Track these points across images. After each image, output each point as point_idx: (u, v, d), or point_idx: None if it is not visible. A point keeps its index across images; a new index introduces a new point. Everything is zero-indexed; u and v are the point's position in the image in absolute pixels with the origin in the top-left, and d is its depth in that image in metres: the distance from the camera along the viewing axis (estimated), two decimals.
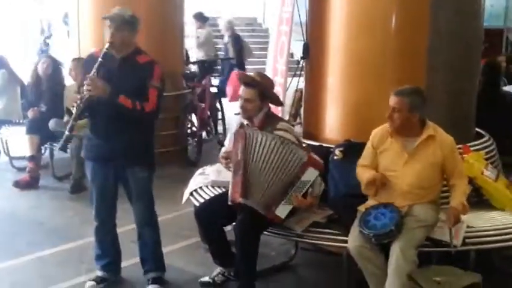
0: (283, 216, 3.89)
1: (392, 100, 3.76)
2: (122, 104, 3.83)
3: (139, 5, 7.10)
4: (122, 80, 3.89)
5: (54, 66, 6.85)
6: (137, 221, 4.25)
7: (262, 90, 4.10)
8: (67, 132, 3.92)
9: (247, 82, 4.13)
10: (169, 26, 7.61)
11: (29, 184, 6.55)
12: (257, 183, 3.87)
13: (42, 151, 7.04)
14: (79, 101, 3.84)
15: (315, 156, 3.97)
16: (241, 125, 4.16)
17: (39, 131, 6.62)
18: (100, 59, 3.85)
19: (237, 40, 10.82)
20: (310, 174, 3.87)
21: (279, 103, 4.46)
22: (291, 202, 3.87)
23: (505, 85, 6.98)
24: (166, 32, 7.54)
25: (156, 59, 4.14)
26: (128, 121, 3.91)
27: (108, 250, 4.29)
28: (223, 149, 4.29)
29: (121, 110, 3.85)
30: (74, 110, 3.89)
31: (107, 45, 3.87)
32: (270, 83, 4.33)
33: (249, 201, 3.86)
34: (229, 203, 3.96)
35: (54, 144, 6.78)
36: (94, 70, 3.83)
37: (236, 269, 4.00)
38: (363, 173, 3.89)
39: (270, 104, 4.28)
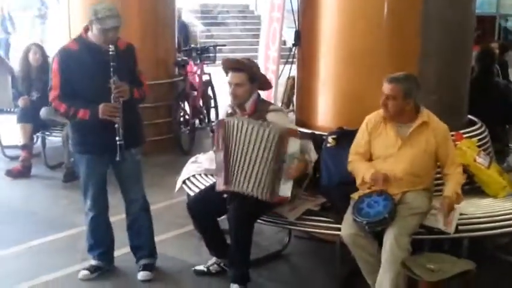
0: (289, 194, 3.88)
1: (386, 87, 3.74)
2: (137, 98, 4.04)
3: None
4: (114, 70, 3.86)
5: (44, 55, 6.80)
6: (132, 207, 4.24)
7: (250, 73, 4.08)
8: (119, 142, 3.89)
9: (235, 67, 4.09)
10: (161, 15, 7.58)
11: (21, 173, 6.54)
12: (242, 169, 3.89)
13: (34, 140, 7.01)
14: (116, 110, 3.86)
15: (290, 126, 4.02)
16: (227, 115, 4.15)
17: (31, 119, 6.59)
18: (112, 64, 3.81)
19: (182, 27, 10.37)
20: (294, 145, 3.87)
21: (268, 85, 4.39)
22: (289, 177, 3.87)
23: (498, 73, 6.98)
24: (158, 21, 7.51)
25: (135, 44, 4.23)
26: (125, 108, 3.93)
27: (103, 239, 4.28)
28: None
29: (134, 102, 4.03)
30: (117, 120, 3.86)
31: (112, 47, 3.83)
32: (256, 66, 4.30)
33: (236, 187, 3.88)
34: (220, 191, 3.98)
35: (47, 132, 6.78)
36: (113, 77, 3.82)
37: (230, 258, 3.99)
38: (359, 166, 3.87)
39: (261, 91, 4.26)
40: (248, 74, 4.06)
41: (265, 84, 4.31)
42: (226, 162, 3.92)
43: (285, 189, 3.89)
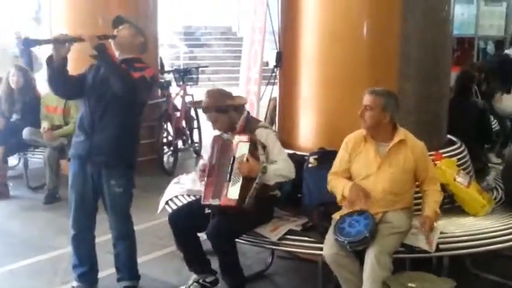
0: (236, 196, 3.84)
1: (366, 98, 3.81)
2: (110, 56, 3.86)
3: (112, 16, 7.14)
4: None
5: (26, 77, 6.79)
6: (112, 233, 4.24)
7: (217, 107, 4.11)
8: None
9: (203, 109, 4.19)
10: None
11: (1, 194, 6.48)
12: (224, 183, 3.92)
13: (17, 161, 6.97)
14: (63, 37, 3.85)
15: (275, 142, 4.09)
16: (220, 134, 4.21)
17: (5, 141, 6.56)
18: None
19: (25, 51, 9.25)
20: (242, 148, 3.91)
21: (243, 100, 4.42)
22: (237, 179, 3.86)
23: (476, 93, 7.09)
24: None
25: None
26: (114, 118, 3.94)
27: (84, 259, 4.23)
28: (201, 161, 4.31)
29: (108, 62, 3.86)
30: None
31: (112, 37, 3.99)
32: (219, 95, 4.23)
33: (217, 201, 3.90)
34: (205, 208, 3.99)
35: (29, 154, 6.75)
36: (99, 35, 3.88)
37: (222, 273, 4.06)
38: (338, 183, 3.90)
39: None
40: (215, 111, 4.11)
41: (242, 105, 4.32)
42: (216, 176, 3.95)
43: (233, 191, 3.86)
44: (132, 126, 4.14)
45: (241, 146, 3.92)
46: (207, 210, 4.04)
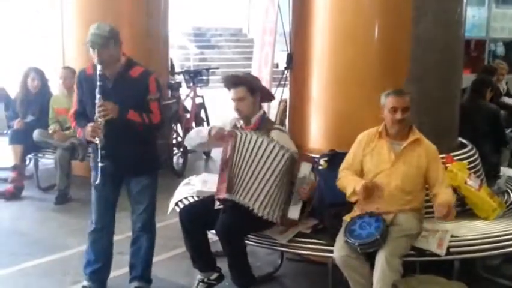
0: (297, 217, 3.92)
1: (398, 100, 3.81)
2: (132, 120, 3.90)
3: (123, 17, 7.18)
4: (119, 97, 3.89)
5: (43, 79, 6.85)
6: (135, 226, 4.23)
7: (249, 85, 4.14)
8: (100, 164, 3.88)
9: (234, 82, 4.15)
10: (153, 37, 7.62)
11: (13, 194, 6.51)
12: (245, 181, 3.89)
13: (27, 162, 7.01)
14: (99, 130, 3.84)
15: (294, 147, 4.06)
16: (235, 127, 4.19)
17: (23, 141, 6.61)
18: (99, 83, 3.83)
19: None
20: (305, 169, 3.91)
21: (270, 97, 4.49)
22: (298, 200, 3.90)
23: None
24: (151, 43, 7.54)
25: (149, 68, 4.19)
26: (133, 136, 3.94)
27: (100, 255, 4.22)
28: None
29: (131, 125, 3.91)
30: (97, 141, 3.86)
31: (99, 67, 3.84)
32: (254, 78, 4.39)
33: (235, 197, 3.86)
34: (217, 204, 4.00)
35: (40, 154, 6.78)
36: (98, 95, 3.82)
37: (231, 271, 4.05)
38: (350, 179, 3.90)
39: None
40: (247, 87, 4.12)
41: (267, 95, 4.40)
42: (229, 171, 3.91)
43: (295, 211, 3.91)
44: (142, 138, 4.09)
45: (304, 167, 3.92)
46: (217, 206, 4.03)
